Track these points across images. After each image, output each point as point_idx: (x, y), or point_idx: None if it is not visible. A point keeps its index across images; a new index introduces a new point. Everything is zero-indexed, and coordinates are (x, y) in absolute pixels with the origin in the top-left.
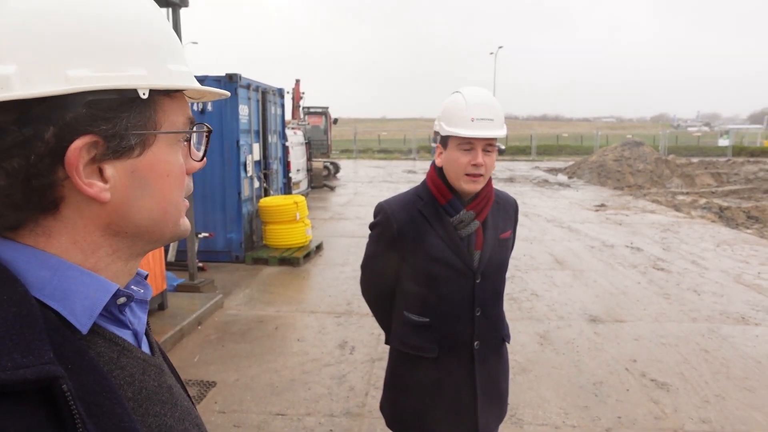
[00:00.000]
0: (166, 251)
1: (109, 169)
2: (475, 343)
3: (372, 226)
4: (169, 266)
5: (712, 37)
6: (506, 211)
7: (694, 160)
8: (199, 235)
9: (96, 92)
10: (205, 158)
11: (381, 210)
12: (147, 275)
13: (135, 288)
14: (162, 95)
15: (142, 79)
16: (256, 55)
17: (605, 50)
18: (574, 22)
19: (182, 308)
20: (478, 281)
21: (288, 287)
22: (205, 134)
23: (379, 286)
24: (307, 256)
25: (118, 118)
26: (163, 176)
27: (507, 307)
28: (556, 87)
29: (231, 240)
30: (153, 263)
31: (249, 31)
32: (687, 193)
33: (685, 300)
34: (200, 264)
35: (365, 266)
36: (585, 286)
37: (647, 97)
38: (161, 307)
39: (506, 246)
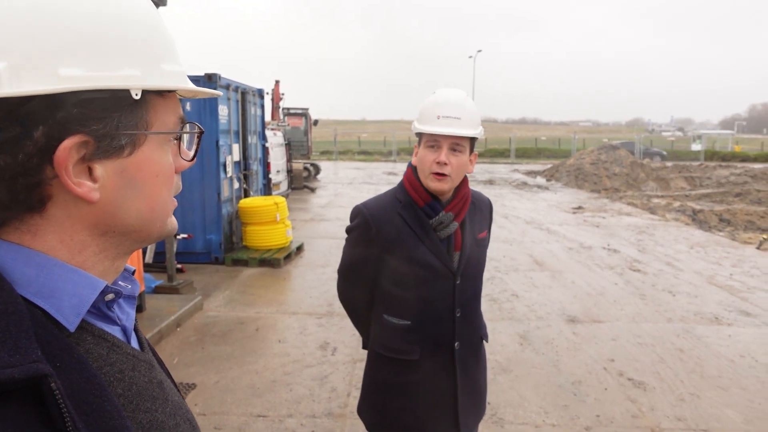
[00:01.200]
0: (144, 252)
1: (99, 169)
2: (456, 344)
3: (349, 230)
4: (148, 268)
5: (685, 44)
6: (482, 212)
7: (669, 164)
8: (178, 236)
9: (88, 91)
10: (195, 157)
11: (359, 213)
12: (134, 270)
13: (122, 284)
14: (154, 95)
15: (135, 79)
16: (236, 55)
17: (582, 56)
18: (552, 27)
19: (161, 310)
20: (458, 282)
21: (269, 288)
22: (196, 135)
23: (358, 290)
24: (288, 257)
25: (109, 117)
26: (153, 176)
27: (488, 307)
28: (535, 91)
29: (210, 241)
30: (131, 264)
31: (228, 31)
32: (662, 197)
33: (661, 301)
34: (179, 265)
35: (343, 271)
36: (564, 287)
37: (623, 101)
38: (139, 308)
39: (484, 246)
